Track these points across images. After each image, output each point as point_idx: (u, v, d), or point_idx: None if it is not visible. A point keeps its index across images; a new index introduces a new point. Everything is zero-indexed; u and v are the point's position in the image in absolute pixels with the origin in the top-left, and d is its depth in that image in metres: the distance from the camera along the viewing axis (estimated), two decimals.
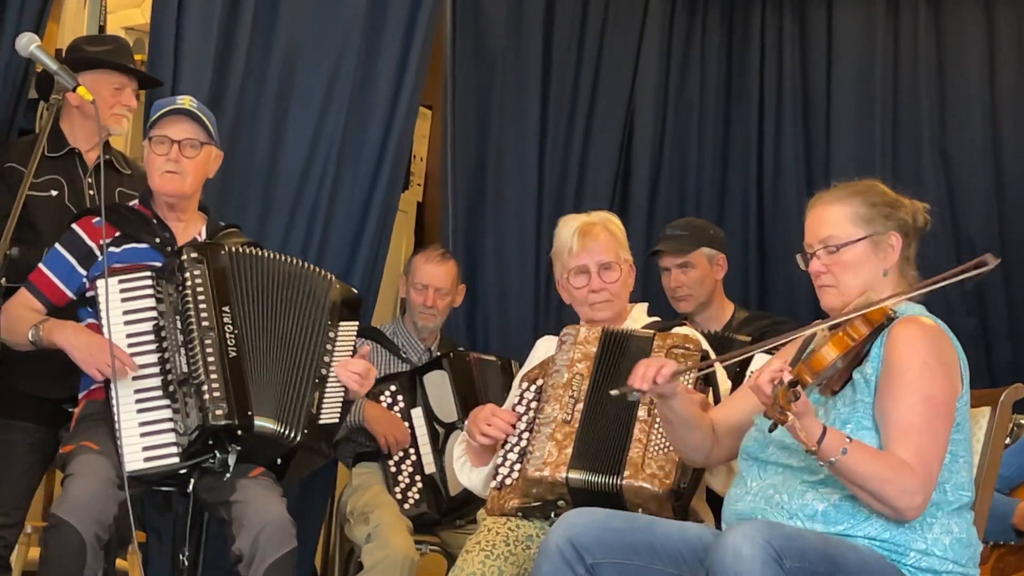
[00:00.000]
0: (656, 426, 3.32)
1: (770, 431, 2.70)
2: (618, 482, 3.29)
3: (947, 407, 2.81)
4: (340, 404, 3.71)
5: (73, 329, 3.59)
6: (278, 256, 3.80)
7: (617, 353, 3.48)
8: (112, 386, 3.50)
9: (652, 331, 3.53)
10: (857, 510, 2.80)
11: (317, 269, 3.83)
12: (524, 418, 3.49)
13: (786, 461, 2.88)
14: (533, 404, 3.51)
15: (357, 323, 3.81)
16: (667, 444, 3.28)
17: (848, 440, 2.71)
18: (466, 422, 3.60)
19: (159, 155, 3.73)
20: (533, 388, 3.55)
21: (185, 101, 3.79)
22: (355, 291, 3.89)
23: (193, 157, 3.74)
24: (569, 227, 3.72)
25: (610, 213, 3.81)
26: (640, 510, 3.23)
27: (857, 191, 3.02)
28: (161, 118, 3.75)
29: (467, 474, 3.65)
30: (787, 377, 2.61)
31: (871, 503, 2.76)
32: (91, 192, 4.00)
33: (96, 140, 3.98)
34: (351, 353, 3.76)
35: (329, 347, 3.72)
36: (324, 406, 3.67)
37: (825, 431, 2.68)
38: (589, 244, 3.67)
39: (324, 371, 3.69)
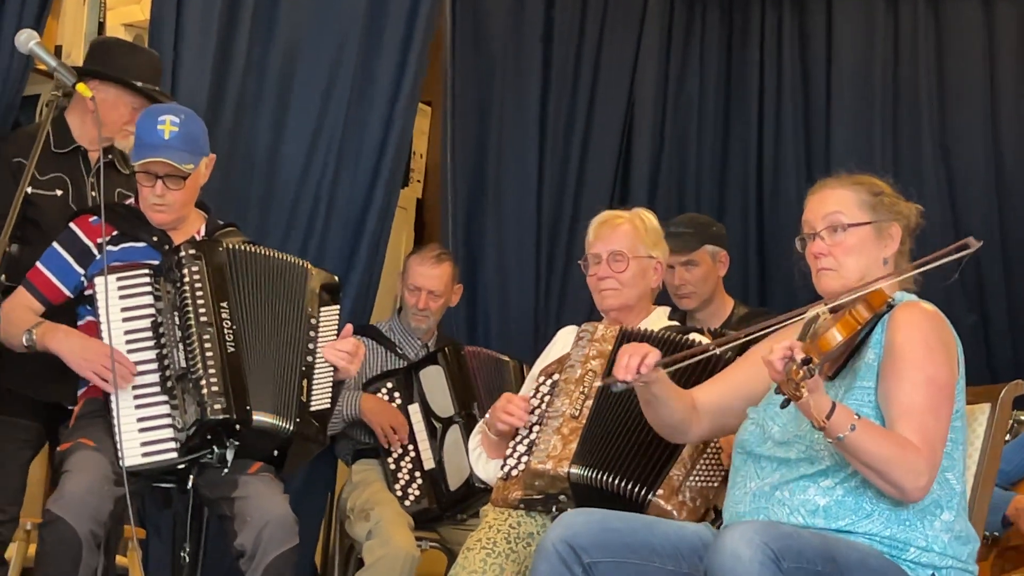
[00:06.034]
0: (706, 453, 3.28)
1: (782, 407, 2.69)
2: (648, 496, 3.24)
3: (950, 390, 2.81)
4: (330, 388, 3.70)
5: (65, 333, 3.58)
6: (268, 251, 3.78)
7: None
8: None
9: (710, 340, 3.47)
10: (859, 506, 2.79)
11: (295, 259, 3.81)
12: (537, 411, 3.48)
13: (783, 455, 2.87)
14: (547, 398, 3.50)
15: (338, 307, 3.80)
16: (710, 476, 3.25)
17: (856, 417, 2.69)
18: (487, 414, 3.59)
19: (146, 186, 3.68)
20: (549, 382, 3.53)
21: (166, 127, 3.65)
22: (334, 277, 3.87)
23: (177, 189, 3.67)
24: (598, 218, 3.76)
25: (647, 210, 3.80)
26: None
27: (861, 180, 3.03)
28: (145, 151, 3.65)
29: (483, 466, 3.64)
30: (800, 355, 2.60)
31: (876, 482, 2.74)
32: (93, 193, 3.98)
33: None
34: (335, 337, 3.74)
35: (312, 334, 3.70)
36: (314, 393, 3.66)
37: (834, 407, 2.67)
38: (604, 233, 3.70)
39: (310, 358, 3.68)
